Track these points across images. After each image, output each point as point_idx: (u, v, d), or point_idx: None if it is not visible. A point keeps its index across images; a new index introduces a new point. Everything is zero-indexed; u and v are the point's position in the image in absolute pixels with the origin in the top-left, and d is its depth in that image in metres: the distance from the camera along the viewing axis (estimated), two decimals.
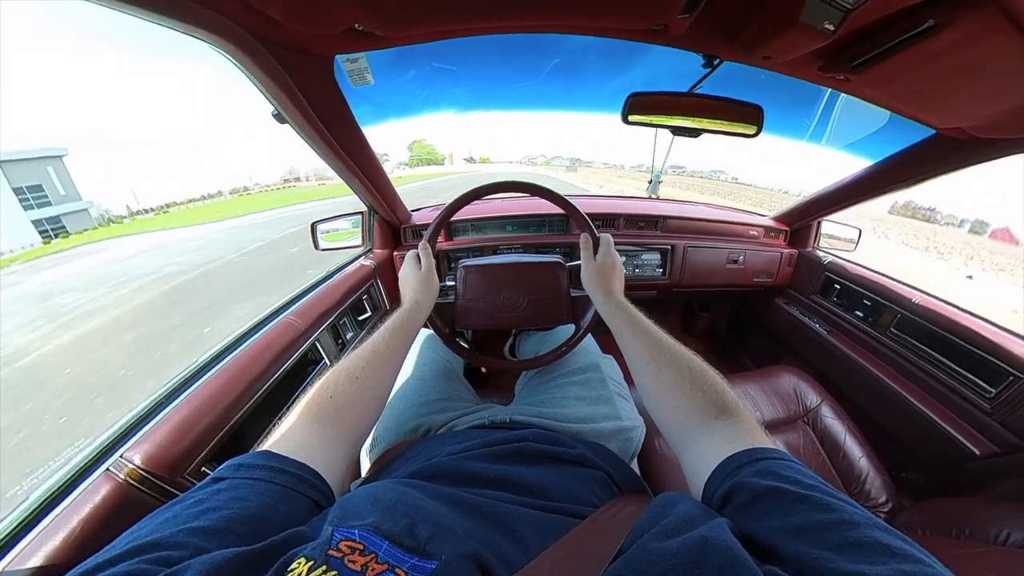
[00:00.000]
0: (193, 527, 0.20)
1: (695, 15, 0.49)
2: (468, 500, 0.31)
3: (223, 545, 0.20)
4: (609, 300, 0.54)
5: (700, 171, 75.21)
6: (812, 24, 0.45)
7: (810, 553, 0.20)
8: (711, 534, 0.21)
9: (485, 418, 0.60)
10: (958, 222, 52.41)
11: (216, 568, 0.18)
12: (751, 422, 0.34)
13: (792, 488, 0.24)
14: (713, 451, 0.31)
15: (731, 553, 0.20)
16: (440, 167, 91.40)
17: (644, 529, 0.25)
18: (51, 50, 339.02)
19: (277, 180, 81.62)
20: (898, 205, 51.13)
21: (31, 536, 0.36)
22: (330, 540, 0.21)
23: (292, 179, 79.16)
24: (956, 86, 0.55)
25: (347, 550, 0.20)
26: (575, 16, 0.51)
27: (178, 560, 0.18)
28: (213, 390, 0.53)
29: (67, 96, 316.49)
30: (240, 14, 0.42)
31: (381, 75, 0.66)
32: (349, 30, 0.49)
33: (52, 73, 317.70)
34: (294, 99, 0.56)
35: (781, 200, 30.12)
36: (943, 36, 0.44)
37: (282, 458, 0.28)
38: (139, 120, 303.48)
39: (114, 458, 0.43)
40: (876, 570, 0.18)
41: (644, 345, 0.44)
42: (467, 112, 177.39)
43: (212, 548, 0.19)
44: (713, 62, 0.65)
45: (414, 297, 0.56)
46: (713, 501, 0.29)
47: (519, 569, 0.25)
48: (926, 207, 54.29)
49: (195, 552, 0.19)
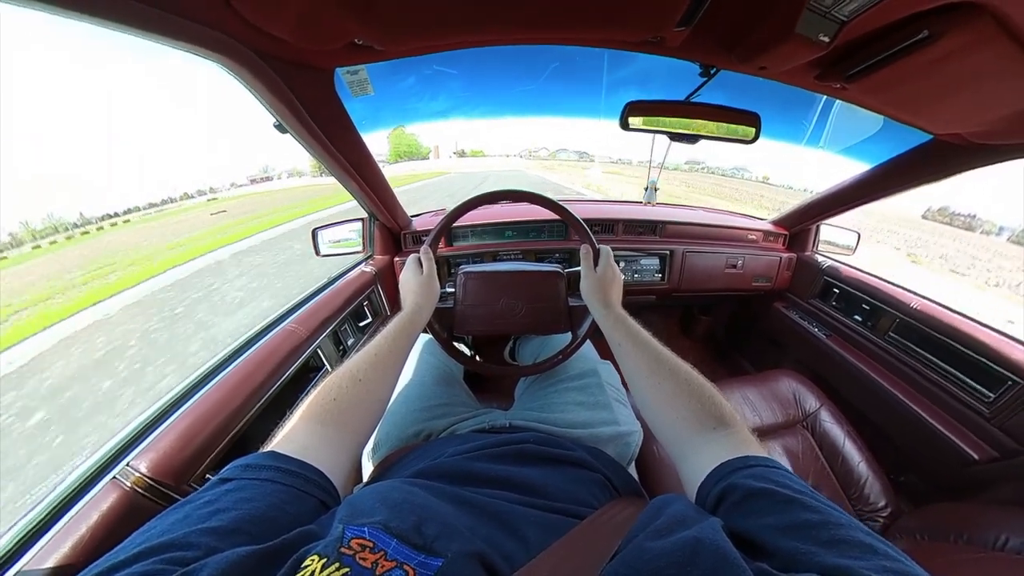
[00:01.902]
0: (205, 527, 0.21)
1: (691, 28, 0.49)
2: (472, 499, 0.31)
3: (235, 545, 0.20)
4: (608, 312, 0.54)
5: (719, 168, 66.12)
6: (807, 36, 0.46)
7: (798, 548, 0.21)
8: (703, 534, 0.22)
9: (485, 423, 0.61)
10: (997, 229, 46.71)
11: (231, 567, 0.18)
12: (746, 433, 0.35)
13: (782, 490, 0.25)
14: (710, 460, 0.32)
15: (722, 552, 0.21)
16: (426, 161, 77.43)
17: (640, 530, 0.26)
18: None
19: (244, 180, 78.20)
20: (932, 210, 44.02)
21: (41, 543, 0.37)
22: (341, 538, 0.21)
23: (261, 178, 75.97)
24: (952, 94, 0.55)
25: (358, 548, 0.21)
26: (571, 29, 0.52)
27: (192, 560, 0.18)
28: (217, 399, 0.54)
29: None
30: (242, 32, 0.42)
31: (382, 82, 0.67)
32: (349, 44, 0.50)
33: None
34: (295, 111, 0.57)
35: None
36: (938, 46, 0.44)
37: (288, 459, 0.29)
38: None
39: (120, 466, 0.43)
40: (860, 564, 0.19)
41: (643, 358, 0.44)
42: (469, 118, 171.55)
43: (225, 548, 0.20)
44: (710, 71, 0.66)
45: (415, 301, 0.57)
46: (707, 502, 0.29)
47: (521, 567, 0.26)
48: (965, 213, 45.14)
49: (208, 552, 0.19)
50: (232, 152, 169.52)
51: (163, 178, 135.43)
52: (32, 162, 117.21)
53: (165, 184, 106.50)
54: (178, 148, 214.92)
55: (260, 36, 0.43)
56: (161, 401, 0.54)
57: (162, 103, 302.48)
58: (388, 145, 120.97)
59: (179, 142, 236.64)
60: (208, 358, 0.63)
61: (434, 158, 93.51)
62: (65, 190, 74.70)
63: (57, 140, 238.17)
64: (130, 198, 65.27)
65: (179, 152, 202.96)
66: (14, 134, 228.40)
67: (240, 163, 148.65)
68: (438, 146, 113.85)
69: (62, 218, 38.68)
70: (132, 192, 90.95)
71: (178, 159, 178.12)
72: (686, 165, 55.46)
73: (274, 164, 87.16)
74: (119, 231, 34.14)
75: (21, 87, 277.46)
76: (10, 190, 48.54)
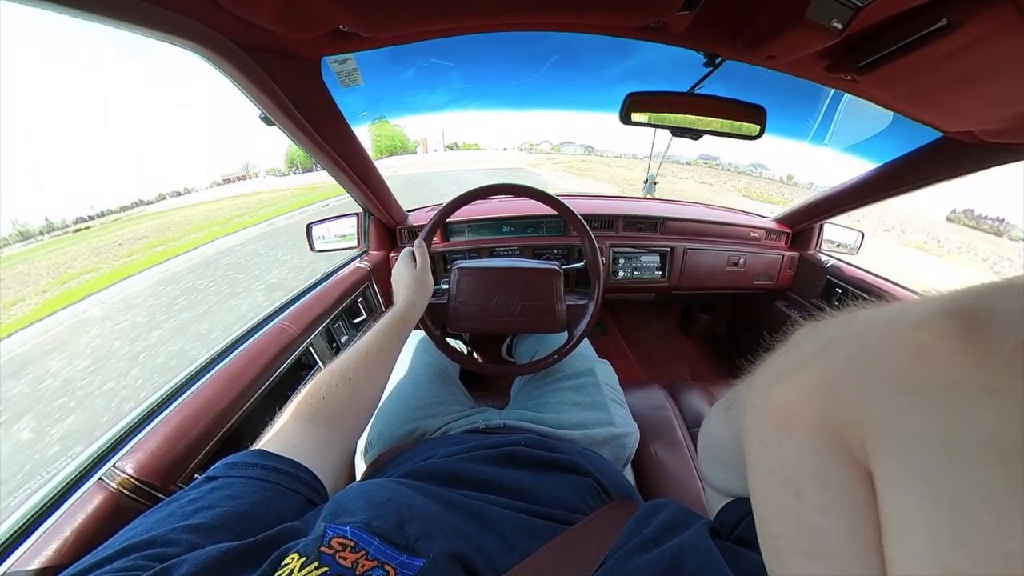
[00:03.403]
0: (187, 525, 0.21)
1: (695, 12, 0.47)
2: (458, 501, 0.31)
3: (217, 541, 0.20)
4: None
5: (735, 164, 59.27)
6: (819, 22, 0.43)
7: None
8: (688, 541, 0.22)
9: (479, 422, 0.60)
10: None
11: (210, 563, 0.18)
12: None
13: None
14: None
15: (705, 557, 0.21)
16: (413, 156, 61.39)
17: (628, 539, 0.26)
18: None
19: (215, 180, 64.46)
20: (958, 212, 39.32)
21: (24, 548, 0.36)
22: (322, 537, 0.21)
23: (236, 177, 63.50)
24: (968, 88, 0.53)
25: (338, 547, 0.21)
26: (568, 14, 0.49)
27: (172, 556, 0.18)
28: (205, 398, 0.53)
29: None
30: (221, 21, 0.40)
31: (379, 73, 0.65)
32: (334, 31, 0.47)
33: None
34: (280, 103, 0.54)
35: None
36: (956, 36, 0.42)
37: (275, 456, 0.29)
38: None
39: (106, 468, 0.43)
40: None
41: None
42: (467, 110, 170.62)
43: (205, 544, 0.20)
44: (715, 61, 0.63)
45: (408, 296, 0.56)
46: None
47: (505, 572, 0.25)
48: (993, 217, 38.62)
49: (189, 548, 0.19)
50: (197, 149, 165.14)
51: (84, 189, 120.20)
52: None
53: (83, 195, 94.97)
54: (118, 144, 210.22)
55: (240, 25, 0.41)
56: (148, 401, 0.53)
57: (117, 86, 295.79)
58: (370, 140, 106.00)
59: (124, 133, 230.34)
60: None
61: (422, 152, 78.53)
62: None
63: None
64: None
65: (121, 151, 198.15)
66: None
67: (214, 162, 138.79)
68: (426, 139, 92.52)
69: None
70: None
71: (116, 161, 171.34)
72: (700, 161, 51.69)
73: (255, 162, 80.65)
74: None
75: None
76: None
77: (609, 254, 1.17)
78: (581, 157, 49.46)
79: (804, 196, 1.44)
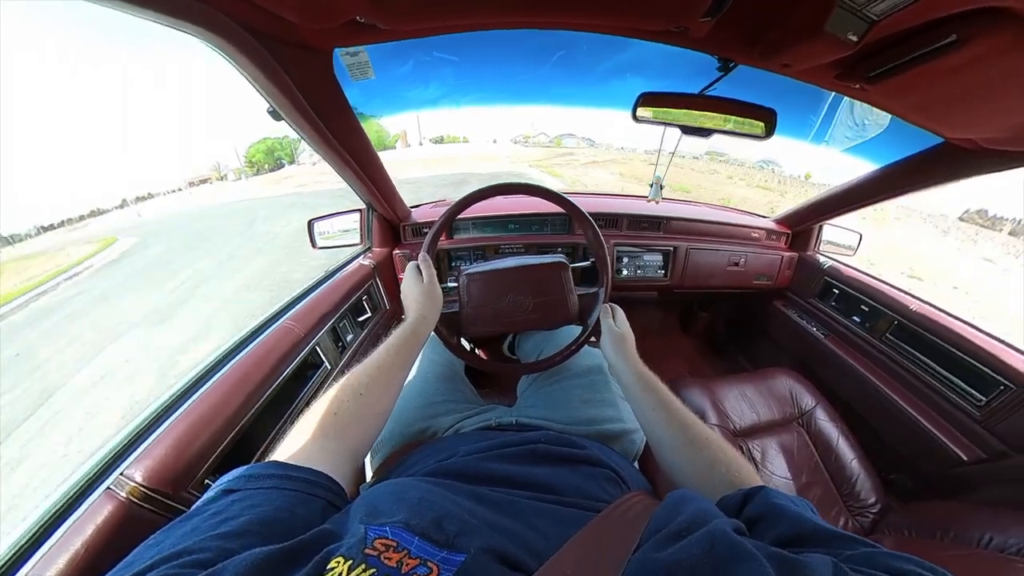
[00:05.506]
0: (214, 534, 0.21)
1: (716, 19, 0.47)
2: (488, 496, 0.32)
3: (245, 545, 0.20)
4: (628, 365, 0.56)
5: (745, 160, 56.11)
6: (836, 34, 0.44)
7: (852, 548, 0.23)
8: (717, 528, 0.23)
9: (491, 420, 0.61)
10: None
11: (251, 567, 0.18)
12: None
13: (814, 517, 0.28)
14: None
15: (736, 542, 0.22)
16: (393, 152, 55.06)
17: (659, 526, 0.27)
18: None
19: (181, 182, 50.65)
20: (971, 211, 35.59)
21: (33, 562, 0.35)
22: (364, 538, 0.21)
23: (199, 180, 50.75)
24: (972, 99, 0.54)
25: (382, 548, 0.21)
26: (592, 15, 0.49)
27: (207, 563, 0.18)
28: (213, 401, 0.52)
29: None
30: (233, 7, 0.38)
31: (376, 69, 0.63)
32: (350, 22, 0.46)
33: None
34: (290, 96, 0.53)
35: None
36: (964, 51, 0.43)
37: (291, 466, 0.29)
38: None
39: (114, 476, 0.41)
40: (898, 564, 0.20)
41: (671, 426, 0.46)
42: (462, 107, 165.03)
43: (236, 548, 0.20)
44: (728, 65, 0.63)
45: (419, 310, 0.56)
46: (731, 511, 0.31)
47: (547, 559, 0.26)
48: (1010, 217, 33.71)
49: (220, 553, 0.19)
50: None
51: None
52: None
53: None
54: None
55: (255, 12, 0.40)
56: (154, 405, 0.51)
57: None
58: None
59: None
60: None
61: (402, 147, 71.89)
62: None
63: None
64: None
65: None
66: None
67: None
68: (406, 132, 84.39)
69: None
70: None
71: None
72: (707, 156, 49.43)
73: (227, 160, 70.65)
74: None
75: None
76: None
77: (613, 253, 1.18)
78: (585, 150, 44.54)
79: (799, 187, 1.41)
